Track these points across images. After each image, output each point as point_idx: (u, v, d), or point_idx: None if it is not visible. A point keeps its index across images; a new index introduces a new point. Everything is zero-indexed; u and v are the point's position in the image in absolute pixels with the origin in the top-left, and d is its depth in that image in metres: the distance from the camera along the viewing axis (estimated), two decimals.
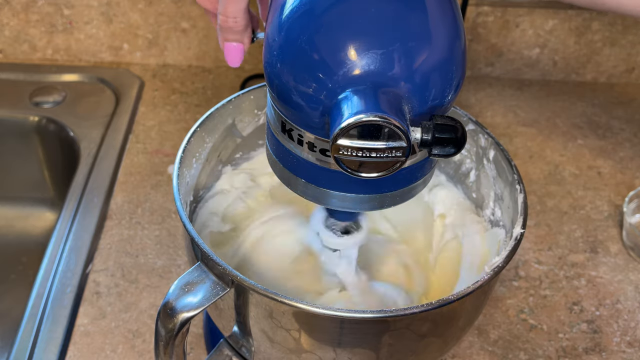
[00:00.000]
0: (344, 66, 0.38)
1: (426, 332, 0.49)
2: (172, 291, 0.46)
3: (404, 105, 0.38)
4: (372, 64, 0.38)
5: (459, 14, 0.41)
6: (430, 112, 0.40)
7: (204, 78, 1.02)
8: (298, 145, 0.43)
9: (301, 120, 0.41)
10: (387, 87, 0.38)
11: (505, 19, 0.98)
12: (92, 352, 0.65)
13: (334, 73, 0.38)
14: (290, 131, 0.43)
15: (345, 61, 0.38)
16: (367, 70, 0.38)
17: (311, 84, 0.39)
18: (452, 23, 0.40)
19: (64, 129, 0.92)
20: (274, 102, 0.43)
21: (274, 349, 0.50)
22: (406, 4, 0.38)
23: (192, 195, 0.59)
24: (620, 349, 0.68)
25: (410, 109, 0.39)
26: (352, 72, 0.38)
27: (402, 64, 0.38)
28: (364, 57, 0.38)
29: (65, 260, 0.73)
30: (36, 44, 1.02)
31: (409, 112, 0.38)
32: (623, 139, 0.94)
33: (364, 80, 0.38)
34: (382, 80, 0.38)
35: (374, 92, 0.37)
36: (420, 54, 0.38)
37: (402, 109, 0.38)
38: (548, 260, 0.77)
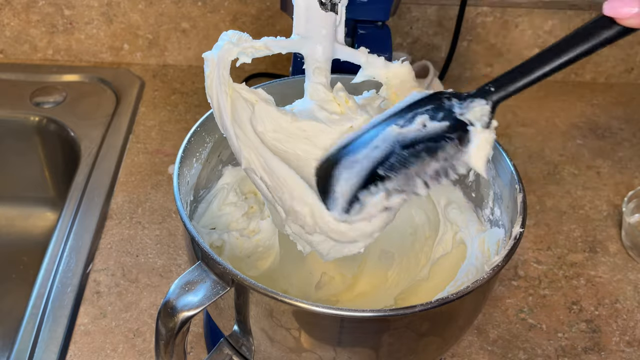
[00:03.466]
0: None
1: (426, 331, 0.49)
2: (173, 290, 0.46)
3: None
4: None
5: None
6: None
7: (204, 78, 1.01)
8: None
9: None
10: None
11: (505, 19, 0.98)
12: (93, 352, 0.65)
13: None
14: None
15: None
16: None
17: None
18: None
19: (65, 129, 0.93)
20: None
21: (274, 348, 0.50)
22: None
23: (192, 195, 0.59)
24: (619, 349, 0.68)
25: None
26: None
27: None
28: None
29: (66, 260, 0.74)
30: (37, 44, 1.02)
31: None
32: (622, 138, 0.95)
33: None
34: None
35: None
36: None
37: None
38: (547, 259, 0.77)
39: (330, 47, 0.53)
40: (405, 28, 1.00)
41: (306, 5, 0.52)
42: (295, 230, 0.50)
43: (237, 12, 0.99)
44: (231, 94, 0.49)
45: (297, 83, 0.57)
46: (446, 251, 0.62)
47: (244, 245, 0.59)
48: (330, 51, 0.53)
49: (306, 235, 0.50)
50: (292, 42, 0.52)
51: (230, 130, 0.49)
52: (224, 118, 0.49)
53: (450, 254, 0.61)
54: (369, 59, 0.55)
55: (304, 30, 0.53)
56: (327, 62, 0.54)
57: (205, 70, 0.49)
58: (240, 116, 0.49)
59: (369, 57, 0.55)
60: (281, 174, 0.49)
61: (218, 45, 0.50)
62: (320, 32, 0.52)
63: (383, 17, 0.73)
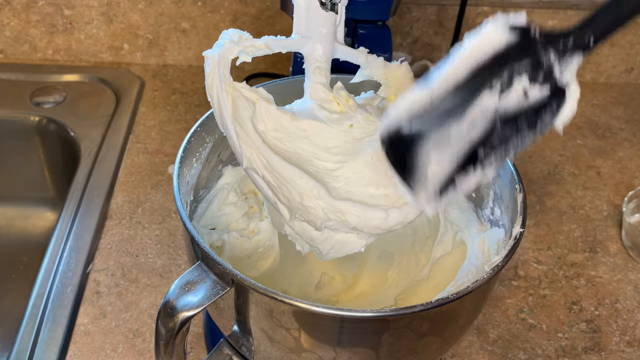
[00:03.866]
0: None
1: (426, 331, 0.49)
2: (173, 290, 0.46)
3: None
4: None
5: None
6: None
7: (204, 78, 1.01)
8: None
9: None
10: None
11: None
12: (93, 352, 0.65)
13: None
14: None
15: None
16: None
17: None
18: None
19: (65, 129, 0.93)
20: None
21: (274, 348, 0.50)
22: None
23: (192, 195, 0.59)
24: (619, 349, 0.68)
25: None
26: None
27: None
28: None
29: (66, 260, 0.74)
30: (37, 44, 1.02)
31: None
32: (622, 138, 0.95)
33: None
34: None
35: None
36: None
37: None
38: (547, 259, 0.77)
39: (331, 47, 0.53)
40: (405, 28, 1.00)
41: (306, 5, 0.52)
42: (298, 230, 0.50)
43: (237, 12, 0.99)
44: (232, 92, 0.49)
45: (297, 83, 0.57)
46: (446, 251, 0.62)
47: (244, 246, 0.59)
48: (330, 51, 0.53)
49: (310, 233, 0.50)
50: (292, 41, 0.52)
51: (230, 129, 0.49)
52: (225, 117, 0.49)
53: (450, 254, 0.61)
54: (368, 59, 0.55)
55: (304, 30, 0.53)
56: (327, 62, 0.54)
57: (206, 69, 0.49)
58: (241, 115, 0.49)
59: (368, 57, 0.55)
60: (287, 173, 0.49)
61: (219, 43, 0.50)
62: (321, 31, 0.52)
63: (383, 17, 0.73)
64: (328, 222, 0.49)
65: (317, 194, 0.48)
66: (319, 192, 0.48)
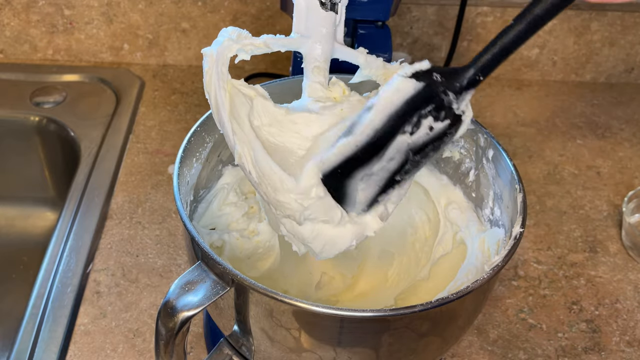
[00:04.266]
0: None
1: (426, 331, 0.49)
2: (173, 290, 0.46)
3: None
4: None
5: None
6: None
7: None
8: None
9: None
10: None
11: (505, 19, 0.98)
12: (93, 352, 0.65)
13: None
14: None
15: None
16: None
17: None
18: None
19: (65, 129, 0.93)
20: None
21: (274, 348, 0.50)
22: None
23: (192, 195, 0.59)
24: (619, 349, 0.68)
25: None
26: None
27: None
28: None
29: (66, 260, 0.74)
30: (37, 44, 1.02)
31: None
32: (622, 138, 0.95)
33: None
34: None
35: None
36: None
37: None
38: (547, 259, 0.77)
39: (330, 47, 0.53)
40: (405, 28, 1.00)
41: (306, 5, 0.52)
42: (288, 228, 0.50)
43: (237, 12, 0.99)
44: (230, 90, 0.49)
45: (297, 83, 0.57)
46: (446, 251, 0.62)
47: (244, 246, 0.59)
48: (330, 50, 0.53)
49: (300, 232, 0.50)
50: (291, 40, 0.52)
51: (227, 126, 0.49)
52: (222, 114, 0.49)
53: (450, 254, 0.61)
54: (368, 59, 0.55)
55: (304, 29, 0.53)
56: (326, 62, 0.54)
57: (204, 66, 0.49)
58: (238, 111, 0.49)
59: (368, 58, 0.55)
60: (265, 168, 0.48)
61: (217, 41, 0.50)
62: (320, 31, 0.52)
63: (383, 17, 0.73)
64: (306, 211, 0.48)
65: (288, 187, 0.48)
66: (288, 184, 0.48)
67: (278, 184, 0.48)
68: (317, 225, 0.50)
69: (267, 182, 0.48)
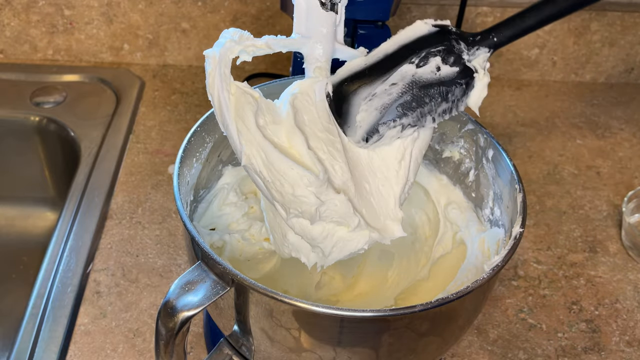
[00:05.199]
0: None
1: (426, 331, 0.49)
2: (173, 290, 0.46)
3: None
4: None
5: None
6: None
7: (204, 78, 1.01)
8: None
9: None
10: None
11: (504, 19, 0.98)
12: (93, 352, 0.65)
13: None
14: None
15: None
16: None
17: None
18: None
19: (65, 129, 0.93)
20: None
21: (274, 348, 0.50)
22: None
23: (192, 195, 0.59)
24: (619, 348, 0.68)
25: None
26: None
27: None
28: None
29: (66, 260, 0.74)
30: (37, 45, 1.02)
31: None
32: (622, 139, 0.95)
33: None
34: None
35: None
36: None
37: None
38: (547, 259, 0.77)
39: (331, 47, 0.53)
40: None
41: (307, 5, 0.52)
42: (298, 230, 0.50)
43: (237, 12, 0.99)
44: (234, 90, 0.49)
45: None
46: (446, 251, 0.62)
47: (244, 249, 0.59)
48: (331, 51, 0.54)
49: (310, 232, 0.50)
50: (292, 41, 0.53)
51: (232, 127, 0.49)
52: (225, 115, 0.49)
53: (450, 254, 0.61)
54: None
55: (305, 30, 0.53)
56: (328, 62, 0.54)
57: (207, 68, 0.49)
58: (245, 111, 0.50)
59: None
60: (281, 166, 0.49)
61: (219, 42, 0.50)
62: (321, 31, 0.52)
63: (383, 17, 0.73)
64: (321, 207, 0.49)
65: (307, 182, 0.49)
66: (308, 179, 0.49)
67: (298, 180, 0.49)
68: (328, 225, 0.51)
69: (283, 180, 0.49)
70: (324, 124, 0.53)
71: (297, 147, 0.51)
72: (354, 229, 0.51)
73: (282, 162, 0.49)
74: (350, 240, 0.51)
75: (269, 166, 0.49)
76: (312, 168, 0.50)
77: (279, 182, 0.49)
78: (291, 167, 0.49)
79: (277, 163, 0.49)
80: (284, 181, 0.49)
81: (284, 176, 0.49)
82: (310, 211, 0.49)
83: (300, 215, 0.50)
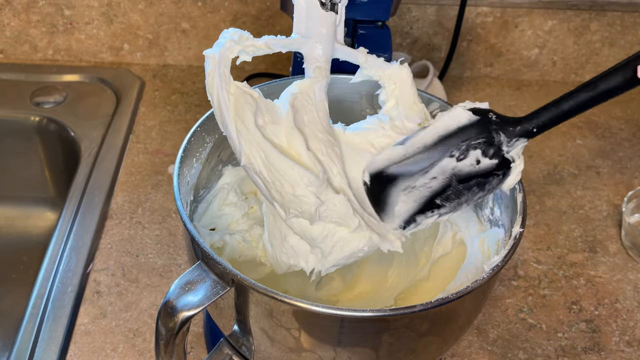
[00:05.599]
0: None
1: (426, 331, 0.49)
2: (173, 290, 0.46)
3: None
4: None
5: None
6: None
7: (204, 78, 1.01)
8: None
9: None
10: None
11: (504, 19, 0.98)
12: (93, 352, 0.65)
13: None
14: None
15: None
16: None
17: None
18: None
19: (65, 129, 0.93)
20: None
21: (274, 348, 0.50)
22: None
23: (192, 195, 0.59)
24: (619, 348, 0.68)
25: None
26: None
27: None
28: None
29: (66, 260, 0.74)
30: (37, 45, 1.02)
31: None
32: (622, 138, 0.95)
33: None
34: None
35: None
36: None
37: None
38: (547, 259, 0.77)
39: (331, 47, 0.53)
40: (405, 28, 1.00)
41: (306, 5, 0.52)
42: (297, 230, 0.50)
43: (237, 12, 0.99)
44: (234, 90, 0.49)
45: None
46: (446, 251, 0.62)
47: (244, 252, 0.59)
48: (331, 51, 0.54)
49: (310, 232, 0.50)
50: (292, 41, 0.53)
51: (231, 127, 0.49)
52: (225, 115, 0.49)
53: (450, 254, 0.61)
54: (368, 59, 0.55)
55: (305, 30, 0.53)
56: (327, 62, 0.54)
57: (206, 68, 0.49)
58: (244, 111, 0.50)
59: (368, 57, 0.55)
60: (281, 165, 0.49)
61: (219, 42, 0.50)
62: (321, 31, 0.53)
63: (383, 17, 0.73)
64: (321, 207, 0.50)
65: (308, 181, 0.49)
66: (309, 179, 0.49)
67: (298, 179, 0.49)
68: (328, 225, 0.51)
69: (282, 180, 0.49)
70: (324, 125, 0.53)
71: (296, 148, 0.51)
72: (354, 229, 0.51)
73: (282, 162, 0.49)
74: (350, 240, 0.51)
75: (269, 166, 0.49)
76: (312, 168, 0.50)
77: (279, 182, 0.49)
78: (291, 167, 0.49)
79: (277, 163, 0.49)
80: (284, 181, 0.49)
81: (284, 176, 0.49)
82: (310, 211, 0.49)
83: (300, 215, 0.50)
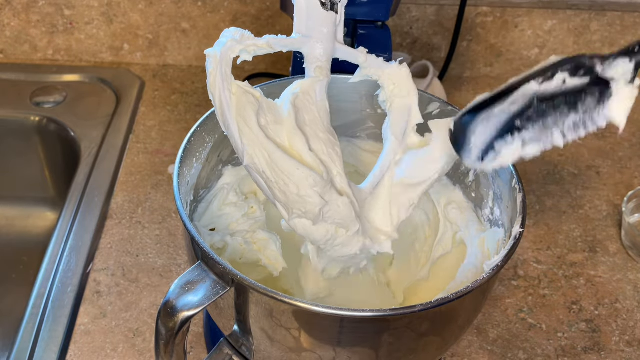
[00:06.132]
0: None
1: (426, 331, 0.49)
2: (173, 290, 0.46)
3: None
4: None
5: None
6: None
7: (204, 78, 1.02)
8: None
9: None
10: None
11: (504, 19, 0.98)
12: (93, 351, 0.65)
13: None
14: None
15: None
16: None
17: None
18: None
19: (65, 129, 0.93)
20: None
21: (274, 348, 0.50)
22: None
23: (192, 195, 0.59)
24: (619, 348, 0.68)
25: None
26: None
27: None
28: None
29: (66, 260, 0.74)
30: (37, 44, 1.02)
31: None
32: (622, 139, 0.95)
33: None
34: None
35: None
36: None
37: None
38: (547, 259, 0.77)
39: (331, 46, 0.53)
40: (405, 28, 1.00)
41: (307, 5, 0.52)
42: (300, 231, 0.51)
43: (237, 12, 0.99)
44: (236, 90, 0.49)
45: None
46: (446, 251, 0.62)
47: (245, 255, 0.59)
48: (331, 50, 0.54)
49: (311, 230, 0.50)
50: (293, 40, 0.53)
51: (233, 127, 0.49)
52: (226, 114, 0.49)
53: (450, 254, 0.61)
54: (368, 59, 0.55)
55: (305, 29, 0.53)
56: (328, 61, 0.54)
57: (208, 67, 0.49)
58: (246, 111, 0.50)
59: (368, 57, 0.55)
60: (285, 166, 0.49)
61: (221, 42, 0.50)
62: (321, 31, 0.53)
63: (383, 17, 0.73)
64: (325, 207, 0.50)
65: (313, 182, 0.49)
66: (314, 179, 0.49)
67: (303, 180, 0.49)
68: (330, 227, 0.51)
69: (287, 180, 0.49)
70: (325, 124, 0.53)
71: (298, 148, 0.51)
72: (353, 234, 0.51)
73: (286, 162, 0.49)
74: (347, 244, 0.52)
75: (273, 166, 0.49)
76: (316, 168, 0.50)
77: (283, 182, 0.49)
78: (297, 167, 0.49)
79: (281, 163, 0.49)
80: (289, 181, 0.49)
81: (288, 176, 0.49)
82: (314, 211, 0.49)
83: (303, 216, 0.50)
